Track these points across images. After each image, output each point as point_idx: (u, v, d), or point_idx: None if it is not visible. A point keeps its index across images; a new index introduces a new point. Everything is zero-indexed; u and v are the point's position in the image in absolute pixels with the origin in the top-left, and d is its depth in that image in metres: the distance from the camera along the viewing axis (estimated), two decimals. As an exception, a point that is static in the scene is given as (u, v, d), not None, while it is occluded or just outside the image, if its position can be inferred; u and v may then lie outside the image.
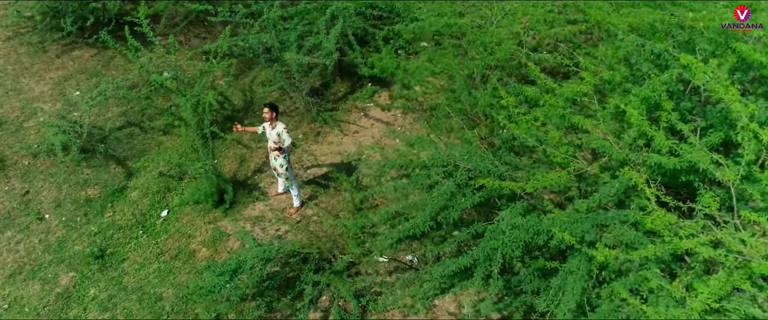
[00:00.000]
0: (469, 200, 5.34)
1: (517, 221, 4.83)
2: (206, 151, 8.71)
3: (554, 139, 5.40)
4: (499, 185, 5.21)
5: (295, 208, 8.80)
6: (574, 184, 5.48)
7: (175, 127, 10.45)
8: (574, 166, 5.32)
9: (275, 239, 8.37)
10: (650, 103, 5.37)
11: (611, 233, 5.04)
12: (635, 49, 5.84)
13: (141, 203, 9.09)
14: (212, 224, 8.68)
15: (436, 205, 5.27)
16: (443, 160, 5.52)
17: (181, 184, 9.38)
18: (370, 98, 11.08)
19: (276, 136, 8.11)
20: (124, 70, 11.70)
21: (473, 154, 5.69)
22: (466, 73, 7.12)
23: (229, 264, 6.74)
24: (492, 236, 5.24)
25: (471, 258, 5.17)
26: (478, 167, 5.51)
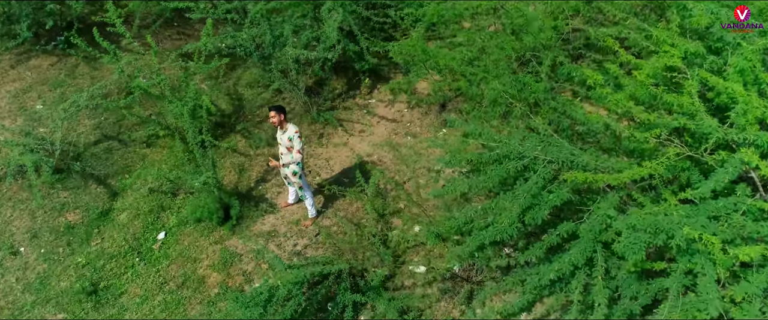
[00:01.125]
0: (557, 197, 4.55)
1: (635, 220, 4.07)
2: (206, 161, 7.62)
3: (646, 121, 4.67)
4: (593, 178, 4.45)
5: (311, 219, 7.81)
6: (665, 171, 4.76)
7: (159, 137, 9.26)
8: (673, 151, 4.60)
9: (294, 255, 7.38)
10: (748, 75, 4.72)
11: (726, 225, 4.36)
12: (712, 19, 5.19)
13: (132, 226, 7.90)
14: (219, 244, 7.59)
15: (522, 204, 4.46)
16: (519, 152, 4.72)
17: (176, 202, 8.24)
18: (369, 94, 10.21)
19: (287, 141, 7.11)
20: (92, 78, 10.39)
21: (549, 144, 4.91)
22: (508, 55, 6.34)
23: (260, 294, 5.73)
24: (589, 236, 4.47)
25: (570, 263, 4.38)
26: (559, 158, 4.74)
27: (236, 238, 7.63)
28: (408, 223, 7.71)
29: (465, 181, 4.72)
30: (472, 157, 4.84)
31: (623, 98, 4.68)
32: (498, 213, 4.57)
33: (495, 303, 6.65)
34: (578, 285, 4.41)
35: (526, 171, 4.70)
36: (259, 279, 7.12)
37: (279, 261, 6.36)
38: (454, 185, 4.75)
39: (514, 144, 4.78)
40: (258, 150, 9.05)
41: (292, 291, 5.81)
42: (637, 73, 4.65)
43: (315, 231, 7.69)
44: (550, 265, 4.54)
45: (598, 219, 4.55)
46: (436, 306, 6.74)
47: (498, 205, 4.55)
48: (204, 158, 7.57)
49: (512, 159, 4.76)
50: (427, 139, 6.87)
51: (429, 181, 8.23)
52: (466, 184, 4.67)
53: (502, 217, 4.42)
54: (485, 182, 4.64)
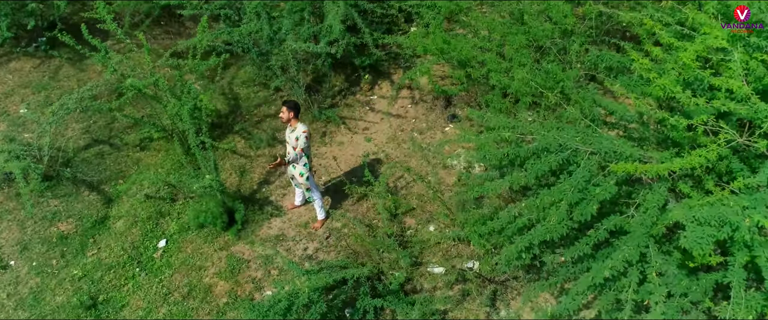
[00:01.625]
0: (605, 190, 4.23)
1: (698, 212, 3.77)
2: (207, 163, 7.16)
3: (693, 106, 4.38)
4: (644, 169, 4.14)
5: (320, 221, 7.41)
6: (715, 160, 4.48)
7: (153, 140, 8.76)
8: (724, 137, 4.32)
9: (305, 260, 6.97)
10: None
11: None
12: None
13: (130, 234, 7.41)
14: (224, 250, 7.15)
15: (570, 200, 4.13)
16: (559, 144, 4.39)
17: (175, 207, 7.76)
18: (370, 90, 9.83)
19: (294, 140, 6.70)
20: (78, 80, 9.86)
21: (587, 135, 4.60)
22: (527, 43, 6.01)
23: (279, 301, 5.32)
24: (641, 230, 4.16)
25: (623, 259, 4.06)
26: (601, 149, 4.43)
27: (243, 244, 7.20)
28: (422, 223, 7.36)
29: (501, 179, 4.38)
30: (509, 151, 4.50)
31: (669, 82, 4.37)
32: (540, 211, 4.24)
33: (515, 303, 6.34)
34: (631, 282, 4.09)
35: (569, 165, 4.37)
36: (269, 287, 6.70)
37: (295, 266, 5.95)
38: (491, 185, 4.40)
39: (553, 135, 4.46)
40: (259, 151, 8.61)
41: (312, 297, 5.40)
42: (682, 55, 4.35)
43: (325, 233, 7.29)
44: (602, 262, 4.22)
45: (650, 212, 4.23)
46: (458, 309, 6.39)
47: (540, 202, 4.22)
48: (205, 160, 7.12)
49: (552, 151, 4.44)
50: (461, 133, 6.46)
51: (441, 179, 7.90)
52: (505, 182, 4.33)
53: (550, 215, 4.09)
54: (524, 178, 4.30)
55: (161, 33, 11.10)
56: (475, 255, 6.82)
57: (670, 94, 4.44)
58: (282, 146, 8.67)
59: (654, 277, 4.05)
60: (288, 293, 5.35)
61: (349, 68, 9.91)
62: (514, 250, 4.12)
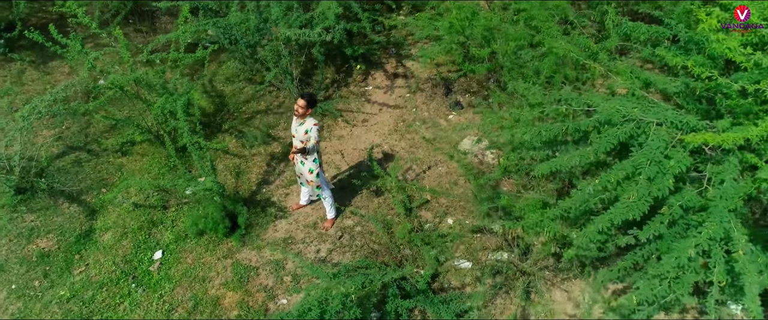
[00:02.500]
0: (679, 162, 3.81)
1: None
2: (204, 164, 6.47)
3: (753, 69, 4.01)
4: (720, 140, 3.74)
5: (330, 220, 6.81)
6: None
7: (135, 144, 7.98)
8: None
9: (319, 263, 6.37)
10: None
11: None
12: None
13: (120, 247, 6.64)
14: (229, 258, 6.47)
15: (649, 174, 3.68)
16: (624, 115, 3.95)
17: (168, 215, 7.02)
18: (364, 81, 9.27)
19: (303, 134, 6.09)
20: (44, 84, 8.98)
21: (647, 106, 4.18)
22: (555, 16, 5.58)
23: (309, 310, 4.71)
24: (723, 205, 3.75)
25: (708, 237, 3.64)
26: (667, 119, 4.01)
27: (249, 250, 6.54)
28: (439, 216, 6.86)
29: (570, 155, 3.90)
30: (569, 126, 4.03)
31: (735, 42, 3.99)
32: (614, 188, 3.79)
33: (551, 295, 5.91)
34: (718, 262, 3.68)
35: (636, 137, 3.94)
36: (283, 295, 6.07)
37: (318, 270, 5.35)
38: (561, 160, 3.92)
39: (615, 106, 4.01)
40: (253, 150, 7.94)
41: (346, 302, 4.82)
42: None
43: (337, 233, 6.70)
44: (677, 242, 3.80)
45: (727, 185, 3.83)
46: (492, 305, 5.92)
47: (614, 177, 3.75)
48: (202, 160, 6.43)
49: (614, 124, 4.00)
50: (486, 115, 5.96)
51: (451, 169, 7.42)
52: (575, 157, 3.86)
53: (628, 191, 3.65)
54: (592, 153, 3.84)
55: (131, 31, 10.26)
56: (502, 246, 6.36)
57: (738, 56, 4.05)
58: (278, 143, 8.04)
59: (740, 255, 3.64)
60: (318, 299, 4.75)
61: (339, 59, 9.32)
62: (593, 232, 3.65)
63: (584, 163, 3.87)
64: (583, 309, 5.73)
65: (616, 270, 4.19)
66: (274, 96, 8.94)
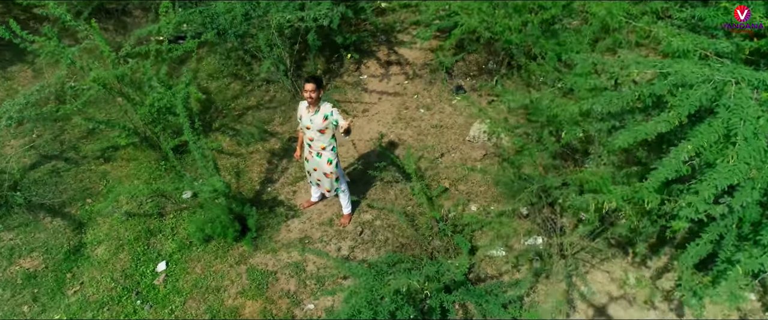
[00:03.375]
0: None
1: None
2: (207, 164, 5.83)
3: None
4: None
5: (347, 215, 6.28)
6: None
7: (118, 149, 7.23)
8: None
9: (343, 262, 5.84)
10: None
11: None
12: None
13: (117, 261, 5.93)
14: (242, 264, 5.87)
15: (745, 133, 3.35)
16: (701, 76, 3.63)
17: (166, 222, 6.34)
18: (357, 70, 8.77)
19: (322, 120, 5.53)
20: (4, 90, 8.08)
21: (717, 66, 3.87)
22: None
23: (359, 312, 4.20)
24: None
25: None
26: (744, 77, 3.71)
27: (263, 254, 5.95)
28: (461, 203, 6.44)
29: (655, 121, 3.54)
30: (643, 90, 3.66)
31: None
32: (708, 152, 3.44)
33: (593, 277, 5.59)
34: None
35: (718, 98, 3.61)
36: (308, 299, 5.52)
37: (359, 267, 4.83)
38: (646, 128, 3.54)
39: (688, 67, 3.68)
40: (250, 147, 7.32)
41: (397, 300, 4.33)
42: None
43: (356, 228, 6.19)
44: None
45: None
46: (534, 292, 5.54)
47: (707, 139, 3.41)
48: (204, 160, 5.79)
49: (690, 86, 3.67)
50: (507, 93, 5.57)
51: (465, 154, 7.03)
52: (660, 123, 3.50)
53: (726, 155, 3.31)
54: (675, 117, 3.49)
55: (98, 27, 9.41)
56: (533, 230, 6.00)
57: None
58: (276, 139, 7.45)
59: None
60: (367, 300, 4.25)
61: (328, 50, 8.77)
62: (701, 200, 3.29)
63: (666, 129, 3.51)
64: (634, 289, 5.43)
65: (704, 244, 3.86)
66: (263, 91, 8.32)
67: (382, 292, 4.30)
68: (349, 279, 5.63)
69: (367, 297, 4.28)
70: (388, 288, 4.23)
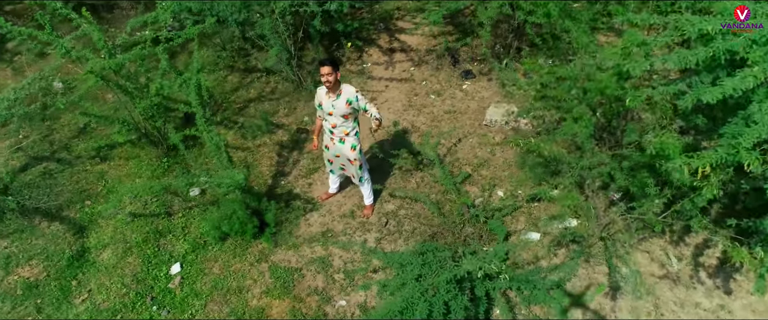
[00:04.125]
0: None
1: None
2: (221, 156, 5.39)
3: None
4: None
5: (370, 206, 5.93)
6: None
7: (114, 147, 6.73)
8: None
9: (371, 255, 5.48)
10: None
11: None
12: None
13: (126, 266, 5.46)
14: (264, 262, 5.46)
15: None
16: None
17: (175, 222, 5.88)
18: (359, 58, 8.42)
19: (346, 105, 5.16)
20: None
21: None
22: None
23: (414, 304, 3.85)
24: None
25: None
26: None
27: (285, 250, 5.55)
28: (487, 189, 6.15)
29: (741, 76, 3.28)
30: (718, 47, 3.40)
31: None
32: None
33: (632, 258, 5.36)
34: None
35: None
36: (339, 295, 5.15)
37: (406, 256, 4.49)
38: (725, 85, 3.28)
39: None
40: (257, 141, 6.90)
41: (452, 291, 4.00)
42: None
43: (380, 220, 5.84)
44: None
45: None
46: (576, 275, 5.27)
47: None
48: (218, 152, 5.35)
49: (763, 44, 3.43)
50: (530, 64, 5.28)
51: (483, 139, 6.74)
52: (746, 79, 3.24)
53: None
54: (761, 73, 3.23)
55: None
56: (566, 213, 5.75)
57: None
58: (284, 131, 7.05)
59: None
60: (420, 291, 3.91)
61: (327, 39, 8.39)
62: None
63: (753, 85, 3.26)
64: (677, 267, 5.22)
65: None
66: (264, 82, 7.91)
67: (435, 282, 3.96)
68: (379, 272, 5.29)
69: (420, 287, 3.94)
70: (443, 277, 3.89)
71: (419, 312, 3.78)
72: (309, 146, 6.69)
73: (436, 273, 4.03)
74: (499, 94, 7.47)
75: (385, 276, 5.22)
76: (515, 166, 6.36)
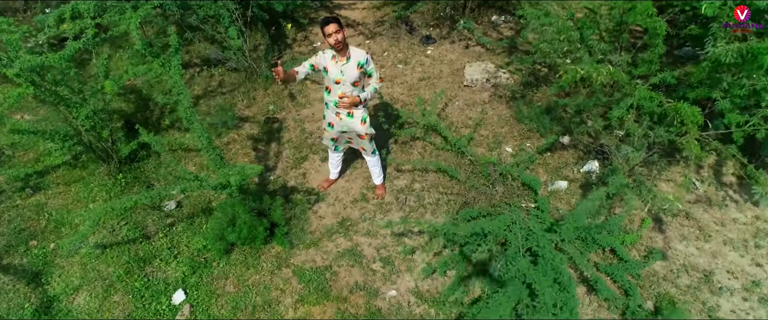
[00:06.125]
0: None
1: None
2: (214, 155, 4.43)
3: None
4: None
5: (382, 185, 5.23)
6: None
7: (44, 173, 5.43)
8: None
9: (405, 237, 4.83)
10: None
11: None
12: None
13: (113, 307, 4.31)
14: (284, 267, 4.57)
15: None
16: None
17: (157, 243, 4.80)
18: (305, 40, 7.64)
19: (356, 69, 4.42)
20: None
21: None
22: None
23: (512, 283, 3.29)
24: None
25: None
26: None
27: (303, 250, 4.72)
28: (492, 147, 5.73)
29: None
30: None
31: None
32: None
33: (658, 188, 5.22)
34: None
35: None
36: (386, 286, 4.44)
37: (501, 220, 3.89)
38: None
39: None
40: (224, 138, 5.93)
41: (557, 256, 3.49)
42: None
43: (398, 198, 5.19)
44: None
45: None
46: (613, 214, 5.01)
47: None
48: (212, 152, 4.38)
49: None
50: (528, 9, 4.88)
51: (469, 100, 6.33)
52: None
53: None
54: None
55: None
56: (578, 159, 5.49)
57: None
58: (251, 124, 6.14)
59: None
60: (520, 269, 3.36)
61: (257, 26, 7.50)
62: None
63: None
64: (702, 190, 5.14)
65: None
66: (206, 76, 6.90)
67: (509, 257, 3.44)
68: (418, 252, 4.66)
69: (523, 267, 3.38)
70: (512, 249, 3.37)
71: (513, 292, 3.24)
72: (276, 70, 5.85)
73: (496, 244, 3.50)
74: (467, 55, 7.09)
75: (426, 254, 4.61)
76: (514, 120, 6.00)
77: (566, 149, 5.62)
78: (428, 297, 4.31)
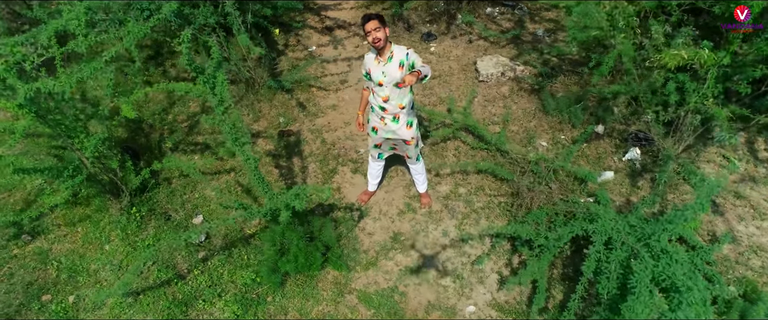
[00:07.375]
0: None
1: None
2: (258, 177, 3.94)
3: None
4: None
5: (426, 193, 4.89)
6: None
7: (40, 217, 4.73)
8: None
9: (458, 243, 4.50)
10: None
11: None
12: None
13: (163, 361, 3.77)
14: (346, 294, 4.13)
15: None
16: None
17: (193, 283, 4.25)
18: (298, 43, 7.16)
19: (398, 69, 4.03)
20: None
21: None
22: None
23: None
24: None
25: None
26: None
27: (361, 272, 4.31)
28: (523, 142, 5.51)
29: None
30: None
31: None
32: None
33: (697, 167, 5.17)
34: None
35: None
36: (461, 300, 4.12)
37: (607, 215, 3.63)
38: None
39: None
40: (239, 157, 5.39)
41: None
42: None
43: (446, 205, 4.86)
44: None
45: None
46: (667, 201, 4.91)
47: None
48: (256, 173, 3.90)
49: None
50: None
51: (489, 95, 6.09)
52: None
53: None
54: None
55: None
56: (616, 147, 5.36)
57: None
58: (264, 139, 5.64)
59: None
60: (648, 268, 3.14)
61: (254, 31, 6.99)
62: None
63: None
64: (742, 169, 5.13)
65: None
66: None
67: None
68: (488, 262, 4.37)
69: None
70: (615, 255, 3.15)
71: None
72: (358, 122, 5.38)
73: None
74: (472, 49, 6.85)
75: (496, 264, 4.32)
76: (541, 113, 5.81)
77: (601, 138, 5.48)
78: (509, 308, 4.02)
